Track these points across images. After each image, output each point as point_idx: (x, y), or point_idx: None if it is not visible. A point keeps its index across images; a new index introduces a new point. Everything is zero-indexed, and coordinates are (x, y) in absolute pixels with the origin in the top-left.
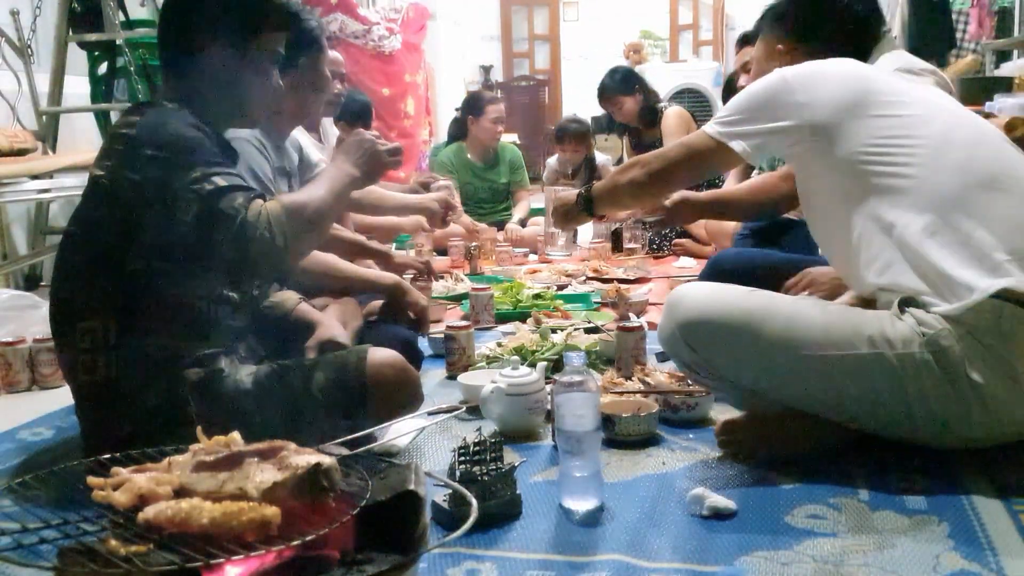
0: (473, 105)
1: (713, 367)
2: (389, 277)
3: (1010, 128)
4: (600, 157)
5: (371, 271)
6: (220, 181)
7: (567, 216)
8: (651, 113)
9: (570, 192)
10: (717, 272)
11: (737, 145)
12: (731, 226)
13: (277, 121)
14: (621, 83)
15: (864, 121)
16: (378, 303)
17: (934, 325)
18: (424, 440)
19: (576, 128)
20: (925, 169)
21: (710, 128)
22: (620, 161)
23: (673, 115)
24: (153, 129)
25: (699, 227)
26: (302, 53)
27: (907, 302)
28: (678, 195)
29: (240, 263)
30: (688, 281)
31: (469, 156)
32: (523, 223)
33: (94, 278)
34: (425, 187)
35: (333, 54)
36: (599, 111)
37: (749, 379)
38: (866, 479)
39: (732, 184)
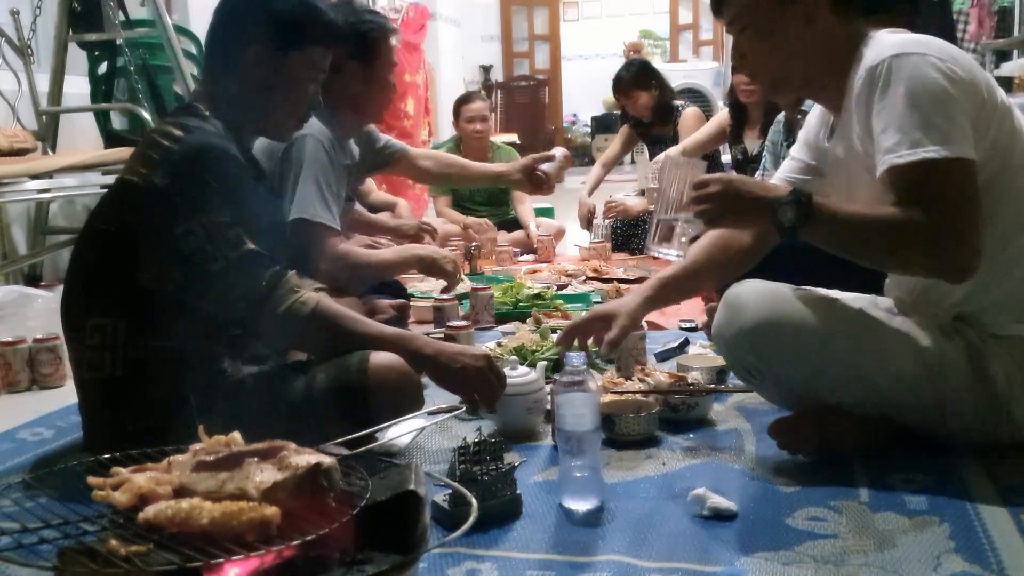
0: (454, 108)
1: (771, 370)
2: (413, 253)
3: None
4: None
5: (389, 251)
6: (250, 246)
7: (738, 206)
8: (665, 109)
9: (739, 176)
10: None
11: (961, 151)
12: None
13: (346, 119)
14: (637, 77)
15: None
16: (385, 303)
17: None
18: (424, 440)
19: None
20: None
21: (914, 157)
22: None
23: (691, 115)
24: (195, 153)
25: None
26: (368, 57)
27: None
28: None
29: (251, 323)
30: None
31: (464, 156)
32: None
33: (111, 276)
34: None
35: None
36: (599, 111)
37: (806, 383)
38: (867, 480)
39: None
